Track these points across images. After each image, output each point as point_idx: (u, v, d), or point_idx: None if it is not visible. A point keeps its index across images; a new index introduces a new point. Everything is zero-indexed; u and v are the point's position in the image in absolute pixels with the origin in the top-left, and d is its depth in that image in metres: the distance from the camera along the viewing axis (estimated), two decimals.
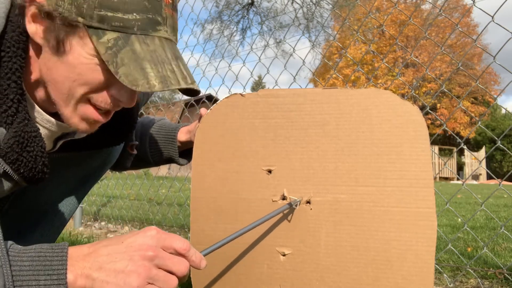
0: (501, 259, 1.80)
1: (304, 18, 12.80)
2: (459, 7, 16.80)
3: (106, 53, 0.61)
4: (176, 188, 5.54)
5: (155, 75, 0.62)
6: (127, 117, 0.91)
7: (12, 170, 0.68)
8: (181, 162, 1.10)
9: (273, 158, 0.89)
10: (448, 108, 19.12)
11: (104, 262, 0.56)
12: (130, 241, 0.58)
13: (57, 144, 0.79)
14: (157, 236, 0.59)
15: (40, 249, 0.57)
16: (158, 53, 0.64)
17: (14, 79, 0.65)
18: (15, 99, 0.66)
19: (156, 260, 0.57)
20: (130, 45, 0.62)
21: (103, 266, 0.56)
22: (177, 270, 0.59)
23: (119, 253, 0.57)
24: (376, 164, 0.83)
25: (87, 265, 0.56)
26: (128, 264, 0.56)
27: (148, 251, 0.57)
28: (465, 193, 6.14)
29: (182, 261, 0.59)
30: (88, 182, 1.02)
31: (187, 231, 2.57)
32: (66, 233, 2.33)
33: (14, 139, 0.66)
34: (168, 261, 0.58)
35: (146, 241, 0.58)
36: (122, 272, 0.56)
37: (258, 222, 0.77)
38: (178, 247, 0.59)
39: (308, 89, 0.91)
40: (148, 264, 0.57)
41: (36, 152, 0.70)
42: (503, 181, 1.50)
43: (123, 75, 0.61)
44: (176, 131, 1.08)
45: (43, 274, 0.54)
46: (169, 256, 0.59)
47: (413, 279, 0.79)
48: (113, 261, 0.56)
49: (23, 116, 0.67)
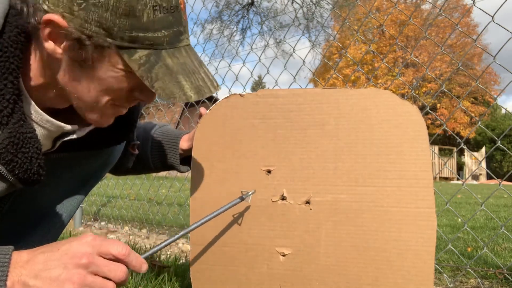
0: (501, 259, 1.80)
1: (304, 18, 12.80)
2: (459, 7, 16.80)
3: (140, 70, 0.64)
4: (176, 188, 5.54)
5: (190, 87, 0.66)
6: (127, 116, 0.91)
7: (6, 171, 0.68)
8: (181, 169, 1.10)
9: (272, 158, 0.89)
10: (448, 108, 19.11)
11: (39, 270, 0.57)
12: (65, 249, 0.59)
13: (56, 144, 0.79)
14: (93, 242, 0.59)
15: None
16: (187, 65, 0.67)
17: (10, 79, 0.65)
18: (11, 100, 0.66)
19: (91, 267, 0.58)
20: (162, 60, 0.65)
21: (39, 274, 0.57)
22: (114, 276, 0.59)
23: (54, 261, 0.57)
24: (376, 164, 0.83)
25: (24, 272, 0.57)
26: (63, 272, 0.57)
27: (82, 259, 0.57)
28: (465, 193, 6.14)
29: (118, 267, 0.60)
30: (89, 182, 1.02)
31: None
32: (66, 233, 2.33)
33: (9, 139, 0.66)
34: (104, 267, 0.59)
35: (81, 249, 0.58)
36: (56, 280, 0.56)
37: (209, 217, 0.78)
38: (116, 252, 0.60)
39: (307, 89, 0.91)
40: (82, 271, 0.57)
41: (32, 153, 0.70)
42: (503, 181, 1.50)
43: (160, 89, 0.64)
44: (179, 139, 1.08)
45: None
46: (105, 263, 0.59)
47: (413, 279, 0.79)
48: (48, 269, 0.57)
49: (19, 117, 0.67)
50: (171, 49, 0.66)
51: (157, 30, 0.64)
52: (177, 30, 0.66)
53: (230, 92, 1.01)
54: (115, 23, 0.61)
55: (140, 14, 0.62)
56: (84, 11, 0.61)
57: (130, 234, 2.73)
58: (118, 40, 0.62)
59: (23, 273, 0.57)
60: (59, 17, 0.62)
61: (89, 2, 0.61)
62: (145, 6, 0.62)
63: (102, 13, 0.61)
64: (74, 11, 0.61)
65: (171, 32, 0.65)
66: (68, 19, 0.62)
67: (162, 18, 0.63)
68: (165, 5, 0.63)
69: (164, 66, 0.65)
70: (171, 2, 0.64)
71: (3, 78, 0.65)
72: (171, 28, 0.65)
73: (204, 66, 0.71)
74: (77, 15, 0.61)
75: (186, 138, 1.08)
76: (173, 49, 0.66)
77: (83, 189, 1.01)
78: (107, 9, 0.61)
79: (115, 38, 0.62)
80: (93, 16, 0.61)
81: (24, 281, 0.56)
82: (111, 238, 2.69)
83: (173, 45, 0.66)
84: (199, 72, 0.68)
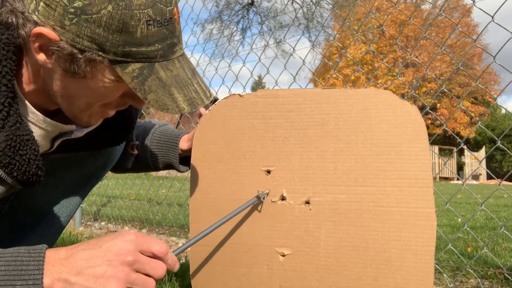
0: (501, 259, 1.80)
1: (304, 18, 12.81)
2: (459, 7, 16.80)
3: (133, 82, 0.64)
4: (176, 188, 5.54)
5: (183, 99, 0.66)
6: (126, 117, 0.91)
7: (5, 173, 0.68)
8: (181, 169, 1.10)
9: (272, 159, 0.89)
10: (448, 108, 19.11)
11: (82, 267, 0.56)
12: (108, 246, 0.58)
13: (54, 144, 0.79)
14: (136, 240, 0.59)
15: (17, 253, 0.56)
16: (181, 77, 0.68)
17: (4, 82, 0.65)
18: (6, 103, 0.65)
19: (135, 265, 0.58)
20: (156, 73, 0.65)
21: (81, 271, 0.56)
22: (155, 274, 0.59)
23: (97, 258, 0.57)
24: (376, 164, 0.83)
25: (64, 269, 0.56)
26: (108, 269, 0.56)
27: (128, 256, 0.57)
28: (465, 193, 6.15)
29: (159, 264, 0.60)
30: (89, 182, 1.02)
31: (187, 231, 2.57)
32: (66, 233, 2.32)
33: (6, 143, 0.66)
34: (146, 265, 0.59)
35: (125, 246, 0.58)
36: (101, 277, 0.56)
37: (227, 217, 0.78)
38: (156, 250, 0.60)
39: (307, 89, 0.91)
40: (127, 269, 0.57)
41: (29, 155, 0.70)
42: (503, 181, 1.50)
43: (152, 101, 0.65)
44: (178, 138, 1.08)
45: (19, 279, 0.54)
46: (148, 260, 0.59)
47: (412, 279, 0.79)
48: (92, 265, 0.56)
49: (15, 120, 0.67)
50: (164, 62, 0.66)
51: (150, 44, 0.63)
52: (171, 43, 0.66)
53: (230, 92, 1.01)
54: (107, 38, 0.61)
55: (133, 29, 0.61)
56: (76, 26, 0.60)
57: None
58: (111, 54, 0.62)
59: (64, 270, 0.56)
60: (50, 30, 0.61)
61: (81, 18, 0.59)
62: (139, 22, 0.61)
63: (94, 29, 0.60)
64: (65, 25, 0.60)
65: (164, 45, 0.65)
66: (60, 33, 0.61)
67: (156, 32, 0.63)
68: (159, 19, 0.62)
69: (157, 79, 0.65)
70: (165, 15, 0.63)
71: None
72: (165, 41, 0.64)
73: (197, 76, 0.71)
74: (68, 30, 0.60)
75: (185, 138, 1.08)
76: (167, 62, 0.66)
77: (82, 189, 1.01)
78: (99, 25, 0.60)
79: (108, 53, 0.62)
80: (85, 31, 0.60)
81: (66, 278, 0.55)
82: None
83: (167, 58, 0.66)
84: (192, 83, 0.68)
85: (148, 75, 0.64)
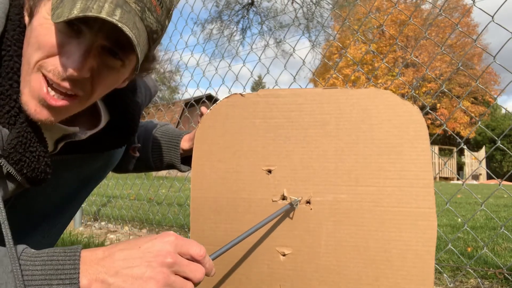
0: (501, 259, 1.80)
1: (304, 18, 12.81)
2: (459, 7, 16.80)
3: (56, 2, 0.60)
4: (176, 188, 5.54)
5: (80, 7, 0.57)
6: (129, 119, 0.91)
7: (15, 171, 0.68)
8: (182, 169, 1.10)
9: (273, 158, 0.89)
10: (448, 108, 19.12)
11: (120, 267, 0.55)
12: (147, 246, 0.57)
13: (58, 146, 0.79)
14: (175, 242, 0.58)
15: (52, 253, 0.56)
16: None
17: (16, 78, 0.65)
18: (18, 99, 0.65)
19: (174, 267, 0.56)
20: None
21: (119, 271, 0.54)
22: (194, 277, 0.58)
23: (136, 258, 0.56)
24: (376, 164, 0.83)
25: (102, 269, 0.55)
26: (146, 271, 0.55)
27: (167, 258, 0.56)
28: (465, 193, 6.15)
29: (198, 267, 0.59)
30: (90, 184, 1.02)
31: (187, 231, 2.57)
32: (66, 233, 2.33)
33: (17, 139, 0.66)
34: (186, 267, 0.57)
35: (164, 247, 0.57)
36: (140, 278, 0.54)
37: (262, 223, 0.77)
38: (195, 253, 0.59)
39: (308, 89, 0.91)
40: (166, 270, 0.55)
41: (39, 152, 0.69)
42: (503, 181, 1.50)
43: (55, 15, 0.58)
44: (180, 138, 1.08)
45: (55, 278, 0.53)
46: (187, 263, 0.58)
47: (413, 279, 0.79)
48: (130, 266, 0.55)
49: (26, 116, 0.67)
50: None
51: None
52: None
53: (230, 92, 1.01)
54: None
55: None
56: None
57: (130, 234, 2.73)
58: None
59: (101, 271, 0.54)
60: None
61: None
62: None
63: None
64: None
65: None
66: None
67: None
68: None
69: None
70: None
71: (8, 78, 0.64)
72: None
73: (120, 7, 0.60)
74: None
75: (187, 138, 1.08)
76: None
77: (83, 190, 1.01)
78: None
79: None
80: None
81: (103, 279, 0.54)
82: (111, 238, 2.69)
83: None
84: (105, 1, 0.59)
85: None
